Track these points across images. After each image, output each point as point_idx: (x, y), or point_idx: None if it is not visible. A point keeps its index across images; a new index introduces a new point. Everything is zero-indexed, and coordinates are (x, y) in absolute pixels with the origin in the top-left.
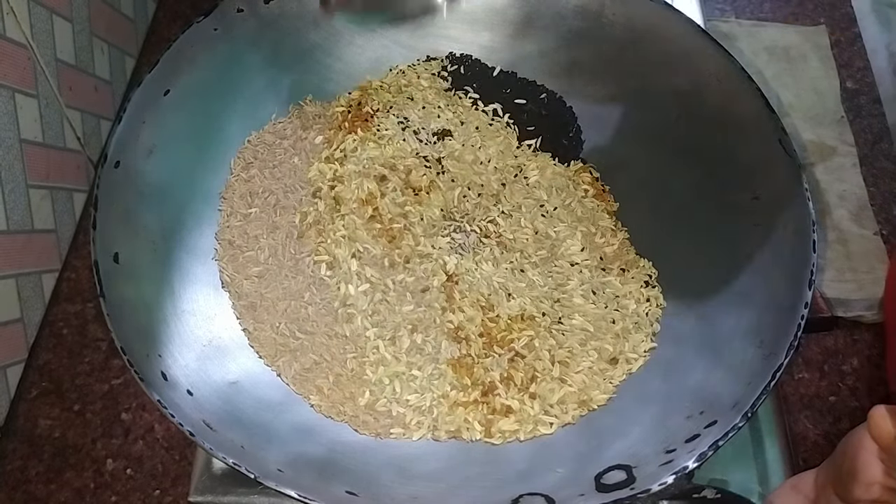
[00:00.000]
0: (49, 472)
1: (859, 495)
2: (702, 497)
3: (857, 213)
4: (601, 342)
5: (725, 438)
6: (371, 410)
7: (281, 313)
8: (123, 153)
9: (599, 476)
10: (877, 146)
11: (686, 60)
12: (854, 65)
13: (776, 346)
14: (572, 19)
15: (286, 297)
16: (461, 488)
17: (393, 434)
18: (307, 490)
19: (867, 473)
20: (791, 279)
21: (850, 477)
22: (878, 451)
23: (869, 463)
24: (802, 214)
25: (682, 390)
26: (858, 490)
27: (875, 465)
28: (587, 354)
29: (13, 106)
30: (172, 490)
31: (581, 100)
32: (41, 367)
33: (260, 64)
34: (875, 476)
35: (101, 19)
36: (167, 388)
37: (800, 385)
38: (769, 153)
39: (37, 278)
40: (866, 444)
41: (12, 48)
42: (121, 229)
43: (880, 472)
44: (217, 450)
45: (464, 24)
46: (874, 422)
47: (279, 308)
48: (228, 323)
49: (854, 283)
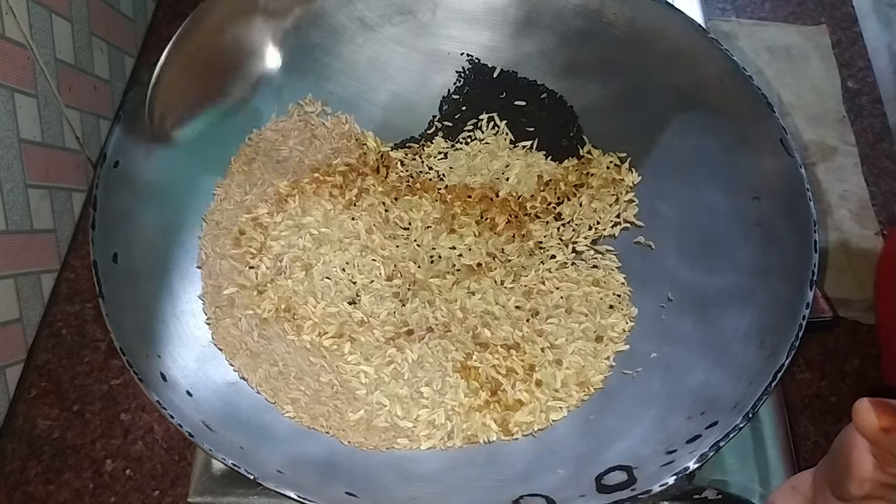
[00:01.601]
0: (48, 473)
1: (854, 492)
2: (703, 498)
3: (858, 213)
4: (582, 323)
5: (726, 439)
6: (367, 427)
7: (244, 307)
8: (123, 153)
9: (600, 477)
10: (878, 146)
11: (687, 60)
12: (855, 64)
13: (777, 346)
14: (572, 18)
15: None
16: (461, 489)
17: (398, 446)
18: (307, 491)
19: (860, 470)
20: (792, 279)
21: (844, 474)
22: (869, 447)
23: (861, 459)
24: (804, 214)
25: (682, 391)
26: (852, 487)
27: (867, 461)
28: (573, 335)
29: (12, 106)
30: (172, 491)
31: (581, 99)
32: (40, 368)
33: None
34: (867, 472)
35: (101, 19)
36: (166, 388)
37: (801, 385)
38: (770, 153)
39: (36, 278)
40: (857, 441)
41: (11, 48)
42: (120, 229)
43: (872, 468)
44: (216, 450)
45: (464, 23)
46: (859, 415)
47: (243, 300)
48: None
49: (855, 284)
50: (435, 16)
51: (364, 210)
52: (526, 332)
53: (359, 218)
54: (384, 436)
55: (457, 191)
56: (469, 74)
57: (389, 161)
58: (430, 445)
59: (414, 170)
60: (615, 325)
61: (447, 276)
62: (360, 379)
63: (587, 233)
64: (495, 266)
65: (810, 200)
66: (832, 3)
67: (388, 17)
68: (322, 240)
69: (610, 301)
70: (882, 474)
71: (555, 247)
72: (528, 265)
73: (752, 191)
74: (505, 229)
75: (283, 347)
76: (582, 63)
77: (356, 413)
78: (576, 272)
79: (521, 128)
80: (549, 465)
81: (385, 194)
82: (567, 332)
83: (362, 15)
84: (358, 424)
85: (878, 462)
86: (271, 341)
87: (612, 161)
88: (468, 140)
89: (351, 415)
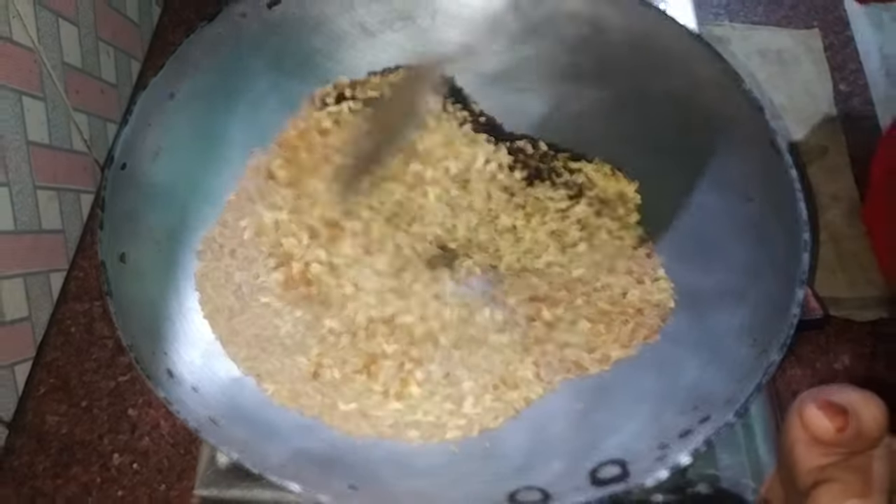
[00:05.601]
0: (56, 467)
1: (804, 484)
2: (695, 492)
3: (848, 214)
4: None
5: (718, 434)
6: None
7: (228, 254)
8: (130, 155)
9: (594, 470)
10: (869, 147)
11: (680, 64)
12: (847, 67)
13: (768, 344)
14: (568, 25)
15: (243, 246)
16: (460, 483)
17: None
18: (310, 484)
19: (804, 463)
20: (783, 278)
21: (792, 471)
22: (810, 441)
23: (803, 453)
24: (795, 215)
25: (675, 387)
26: (802, 480)
27: (809, 453)
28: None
29: (20, 109)
30: (178, 484)
31: (577, 103)
32: (49, 365)
33: (262, 68)
34: (813, 462)
35: (107, 24)
36: (173, 384)
37: (791, 382)
38: (762, 155)
39: (45, 278)
40: (799, 436)
41: (19, 52)
42: (127, 230)
43: (817, 455)
44: (221, 445)
45: (462, 29)
46: (813, 424)
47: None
48: None
49: (846, 282)
50: (434, 21)
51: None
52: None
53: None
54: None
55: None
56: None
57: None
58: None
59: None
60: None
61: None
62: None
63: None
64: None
65: (801, 201)
66: (824, 6)
67: (390, 22)
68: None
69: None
70: (828, 458)
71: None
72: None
73: (745, 192)
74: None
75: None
76: (578, 68)
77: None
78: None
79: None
80: (545, 458)
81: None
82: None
83: (363, 21)
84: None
85: (823, 451)
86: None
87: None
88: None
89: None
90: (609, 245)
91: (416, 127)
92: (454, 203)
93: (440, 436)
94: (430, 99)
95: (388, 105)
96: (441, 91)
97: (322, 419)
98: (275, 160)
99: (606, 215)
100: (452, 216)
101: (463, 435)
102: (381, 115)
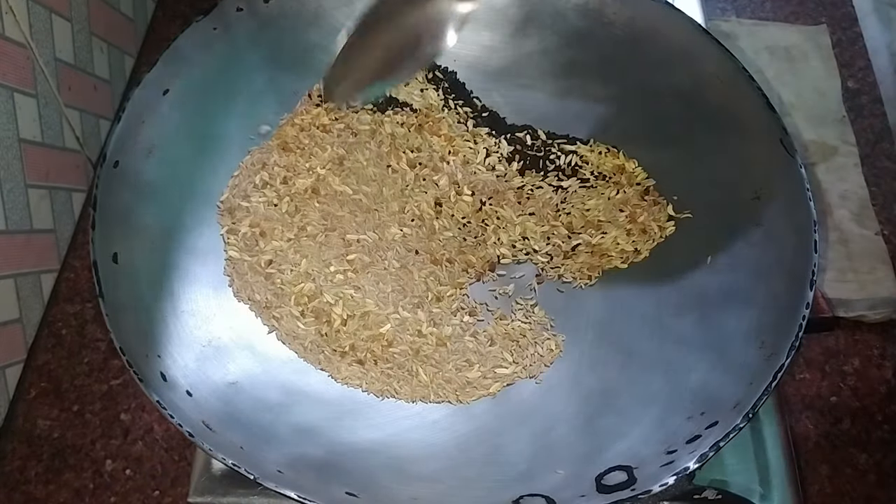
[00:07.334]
0: (48, 473)
1: None
2: (703, 498)
3: (858, 214)
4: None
5: (726, 439)
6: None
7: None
8: (122, 153)
9: (600, 477)
10: (878, 146)
11: (687, 60)
12: (855, 64)
13: (777, 346)
14: (573, 18)
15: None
16: (461, 489)
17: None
18: (307, 491)
19: None
20: (792, 280)
21: None
22: None
23: None
24: (804, 214)
25: (682, 391)
26: None
27: None
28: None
29: (12, 105)
30: (172, 491)
31: (581, 98)
32: (40, 368)
33: (259, 63)
34: None
35: (101, 19)
36: (166, 388)
37: (801, 385)
38: (770, 153)
39: (35, 278)
40: None
41: (11, 47)
42: (120, 229)
43: None
44: (216, 450)
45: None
46: None
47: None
48: (228, 323)
49: (855, 284)
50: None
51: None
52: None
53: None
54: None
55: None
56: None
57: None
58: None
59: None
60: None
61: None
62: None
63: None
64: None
65: (810, 200)
66: (833, 2)
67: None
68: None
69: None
70: None
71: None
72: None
73: (752, 190)
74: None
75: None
76: (582, 62)
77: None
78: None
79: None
80: (550, 465)
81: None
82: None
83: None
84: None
85: None
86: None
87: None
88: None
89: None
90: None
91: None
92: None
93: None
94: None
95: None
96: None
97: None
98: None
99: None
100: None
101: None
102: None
